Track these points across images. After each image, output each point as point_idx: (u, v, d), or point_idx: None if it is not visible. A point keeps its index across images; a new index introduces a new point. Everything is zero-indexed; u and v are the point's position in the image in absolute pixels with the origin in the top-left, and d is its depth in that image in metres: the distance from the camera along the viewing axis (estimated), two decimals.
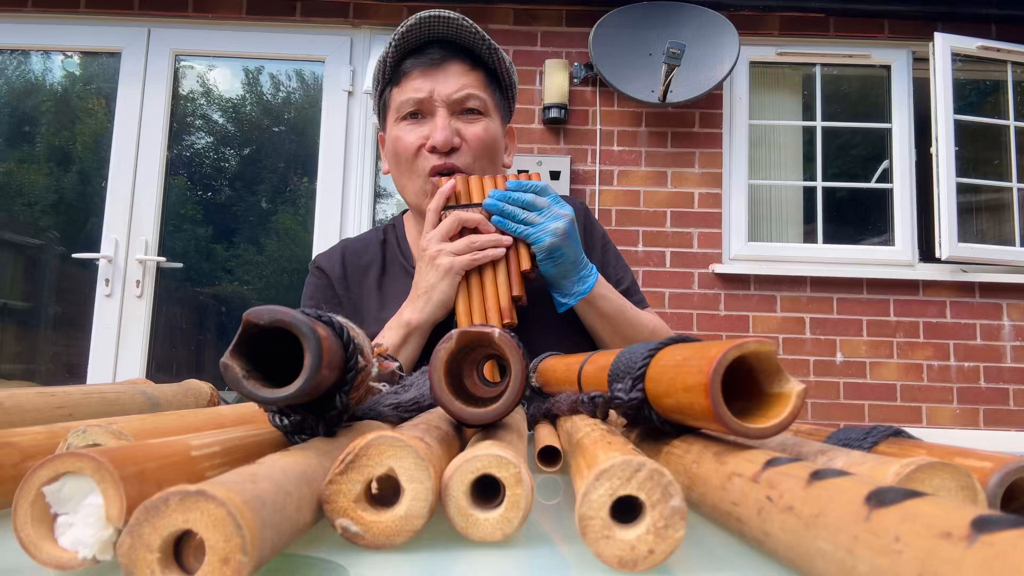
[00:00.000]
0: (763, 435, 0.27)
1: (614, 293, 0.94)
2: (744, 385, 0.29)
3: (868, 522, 0.17)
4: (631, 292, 1.05)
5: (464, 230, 0.87)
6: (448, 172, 0.91)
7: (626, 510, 0.24)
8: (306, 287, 1.05)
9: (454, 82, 0.93)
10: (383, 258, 1.05)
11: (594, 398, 0.39)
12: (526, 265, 0.86)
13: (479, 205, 0.86)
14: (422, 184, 0.94)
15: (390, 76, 0.97)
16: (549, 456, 0.45)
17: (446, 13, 0.91)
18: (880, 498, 0.17)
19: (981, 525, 0.14)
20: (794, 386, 0.28)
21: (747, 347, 0.27)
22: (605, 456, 0.25)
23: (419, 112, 0.94)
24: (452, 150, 0.92)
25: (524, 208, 0.85)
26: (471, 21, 0.93)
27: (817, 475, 0.21)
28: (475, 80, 0.95)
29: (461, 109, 0.94)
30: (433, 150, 0.91)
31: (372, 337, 0.95)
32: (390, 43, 0.93)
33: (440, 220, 0.87)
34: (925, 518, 0.15)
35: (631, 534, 0.23)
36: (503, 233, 0.86)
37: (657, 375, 0.32)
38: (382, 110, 1.01)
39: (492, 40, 0.96)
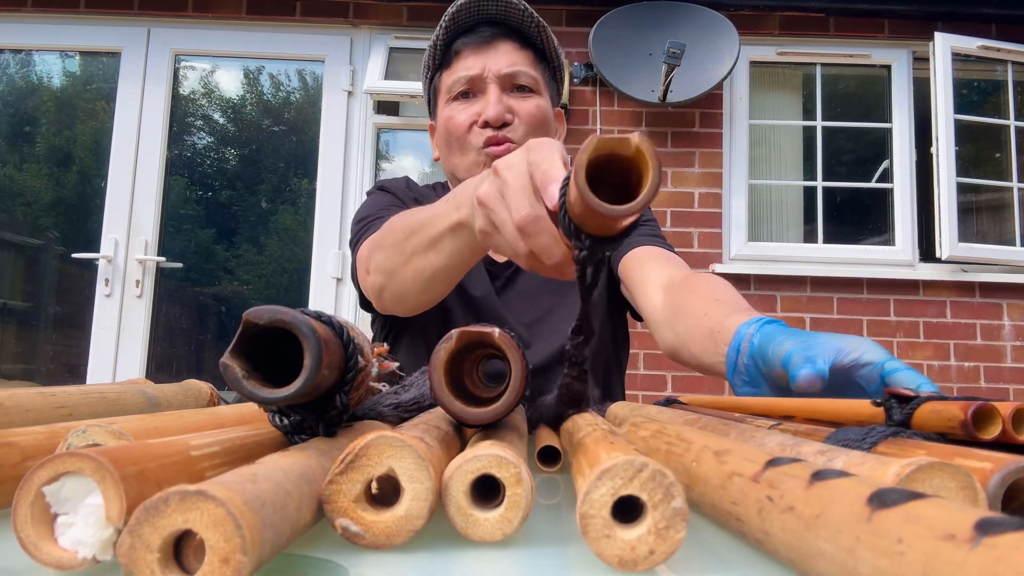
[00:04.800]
0: (632, 212, 0.31)
1: None
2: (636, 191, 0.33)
3: (870, 523, 0.17)
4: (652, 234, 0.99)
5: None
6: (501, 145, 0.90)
7: (627, 510, 0.24)
8: (372, 202, 0.99)
9: (505, 59, 0.92)
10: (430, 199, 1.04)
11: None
12: None
13: None
14: (475, 157, 0.92)
15: (440, 59, 0.96)
16: (549, 456, 0.45)
17: None
18: (882, 499, 0.17)
19: (984, 527, 0.14)
20: (632, 137, 0.32)
21: (592, 146, 0.32)
22: (607, 455, 0.25)
23: (470, 91, 0.93)
24: (504, 125, 0.90)
25: None
26: None
27: (818, 475, 0.21)
28: (525, 58, 0.94)
29: (513, 86, 0.92)
30: (485, 125, 0.90)
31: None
32: (440, 26, 0.92)
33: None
34: (928, 520, 0.15)
35: (632, 534, 0.23)
36: None
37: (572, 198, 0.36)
38: (432, 97, 0.99)
39: (541, 18, 0.94)
